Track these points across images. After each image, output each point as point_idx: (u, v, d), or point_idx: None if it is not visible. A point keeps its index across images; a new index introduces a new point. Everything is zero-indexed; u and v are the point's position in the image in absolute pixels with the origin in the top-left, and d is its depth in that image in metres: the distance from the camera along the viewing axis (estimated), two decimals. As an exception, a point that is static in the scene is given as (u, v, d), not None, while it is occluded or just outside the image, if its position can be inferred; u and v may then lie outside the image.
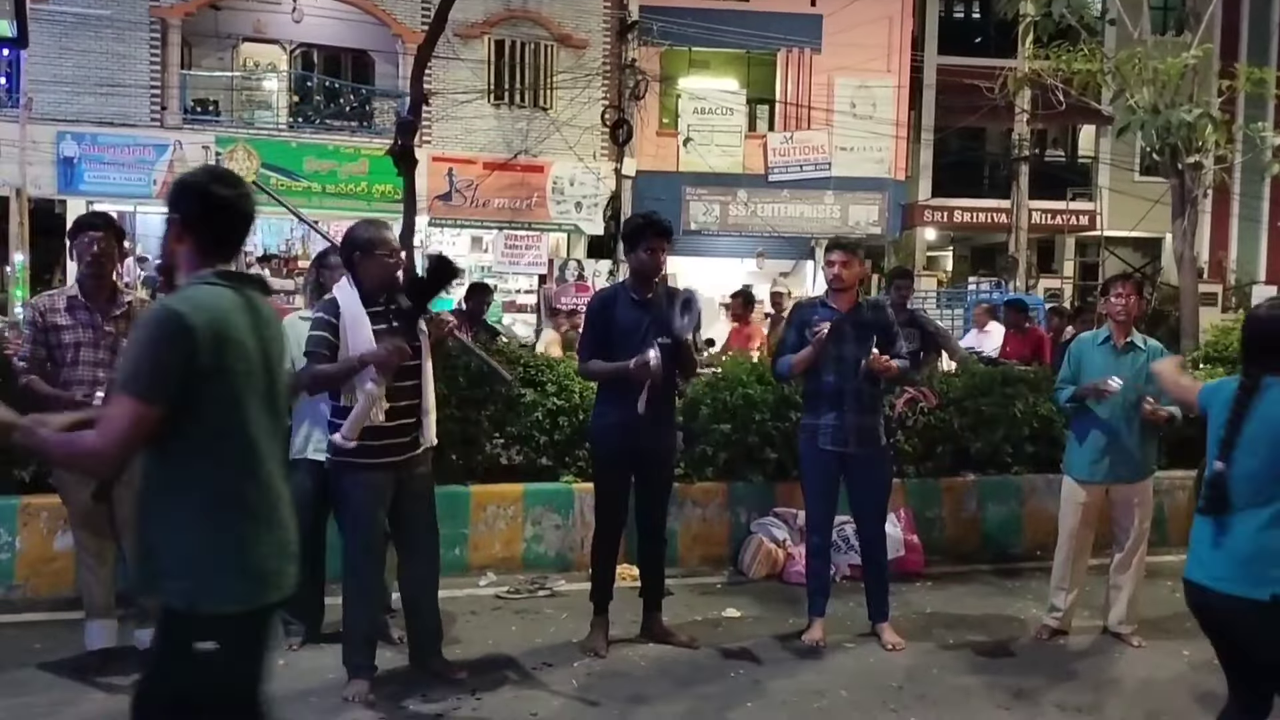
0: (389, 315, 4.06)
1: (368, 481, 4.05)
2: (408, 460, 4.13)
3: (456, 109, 18.45)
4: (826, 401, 4.91)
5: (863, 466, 4.96)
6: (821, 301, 5.07)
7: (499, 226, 19.14)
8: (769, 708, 4.19)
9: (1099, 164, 24.81)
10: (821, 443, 4.93)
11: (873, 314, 5.02)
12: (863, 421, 4.93)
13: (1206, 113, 9.28)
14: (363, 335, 3.98)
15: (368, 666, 4.19)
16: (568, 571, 5.88)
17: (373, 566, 4.21)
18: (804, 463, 5.09)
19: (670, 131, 21.06)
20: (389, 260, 4.09)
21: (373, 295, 4.08)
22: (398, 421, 4.05)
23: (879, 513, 5.12)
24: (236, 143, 17.76)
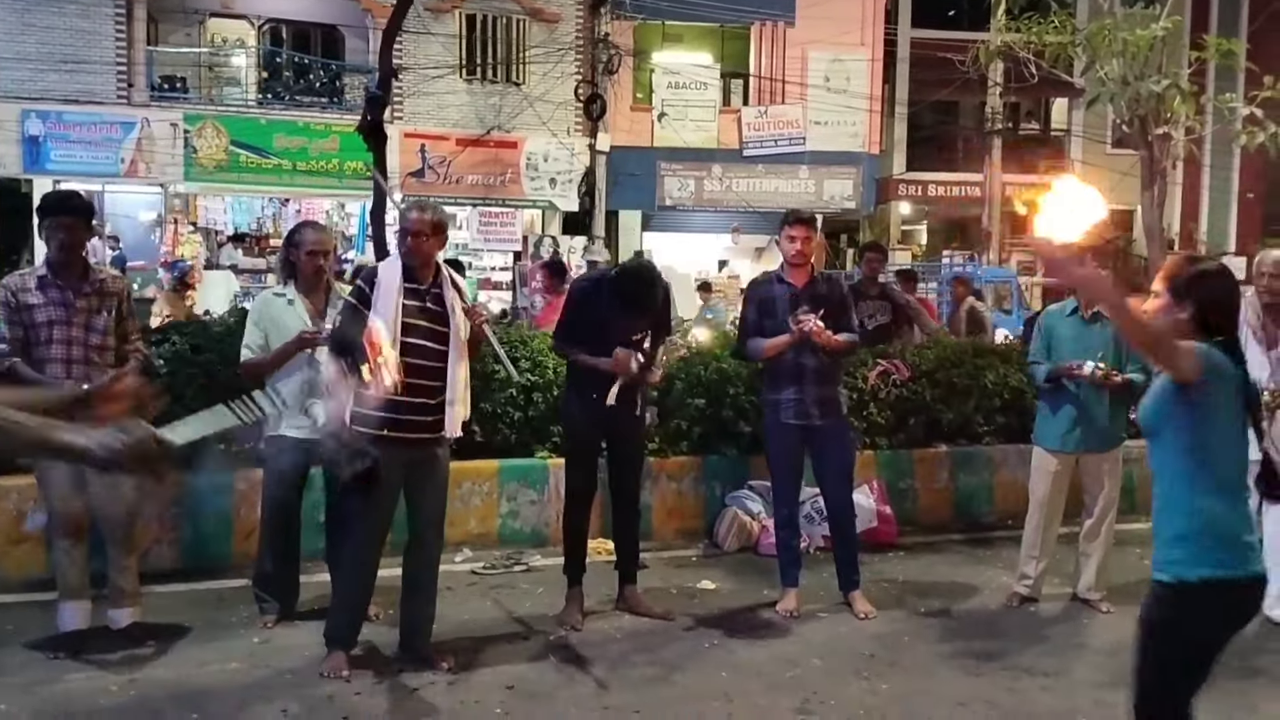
0: (425, 296, 4.13)
1: (382, 456, 4.05)
2: (426, 441, 4.16)
3: (428, 84, 18.29)
4: (787, 376, 4.94)
5: (826, 438, 5.00)
6: (778, 277, 5.07)
7: (473, 203, 19.02)
8: (743, 678, 4.23)
9: (1071, 137, 24.92)
10: (784, 416, 4.96)
11: (827, 288, 5.05)
12: (824, 393, 4.97)
13: (1175, 84, 9.36)
14: (388, 306, 4.04)
15: (347, 641, 4.20)
16: (543, 547, 5.91)
17: (371, 542, 4.20)
18: (768, 436, 5.12)
19: (644, 106, 20.96)
20: (404, 241, 4.17)
21: (416, 272, 4.15)
22: (419, 399, 4.08)
23: (845, 482, 5.16)
24: (205, 120, 17.55)
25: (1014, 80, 17.01)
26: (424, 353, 4.10)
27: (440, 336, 4.14)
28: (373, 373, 3.90)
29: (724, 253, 22.66)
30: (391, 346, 3.98)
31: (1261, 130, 9.58)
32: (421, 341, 4.10)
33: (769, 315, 4.97)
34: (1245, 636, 4.12)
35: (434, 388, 4.13)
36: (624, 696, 4.01)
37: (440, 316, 4.16)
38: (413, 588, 4.32)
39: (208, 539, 5.51)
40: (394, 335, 4.01)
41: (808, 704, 3.96)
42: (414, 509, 4.29)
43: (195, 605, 4.93)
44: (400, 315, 4.06)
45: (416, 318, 4.10)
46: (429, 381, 4.12)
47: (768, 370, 5.07)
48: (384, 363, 3.89)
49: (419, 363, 4.08)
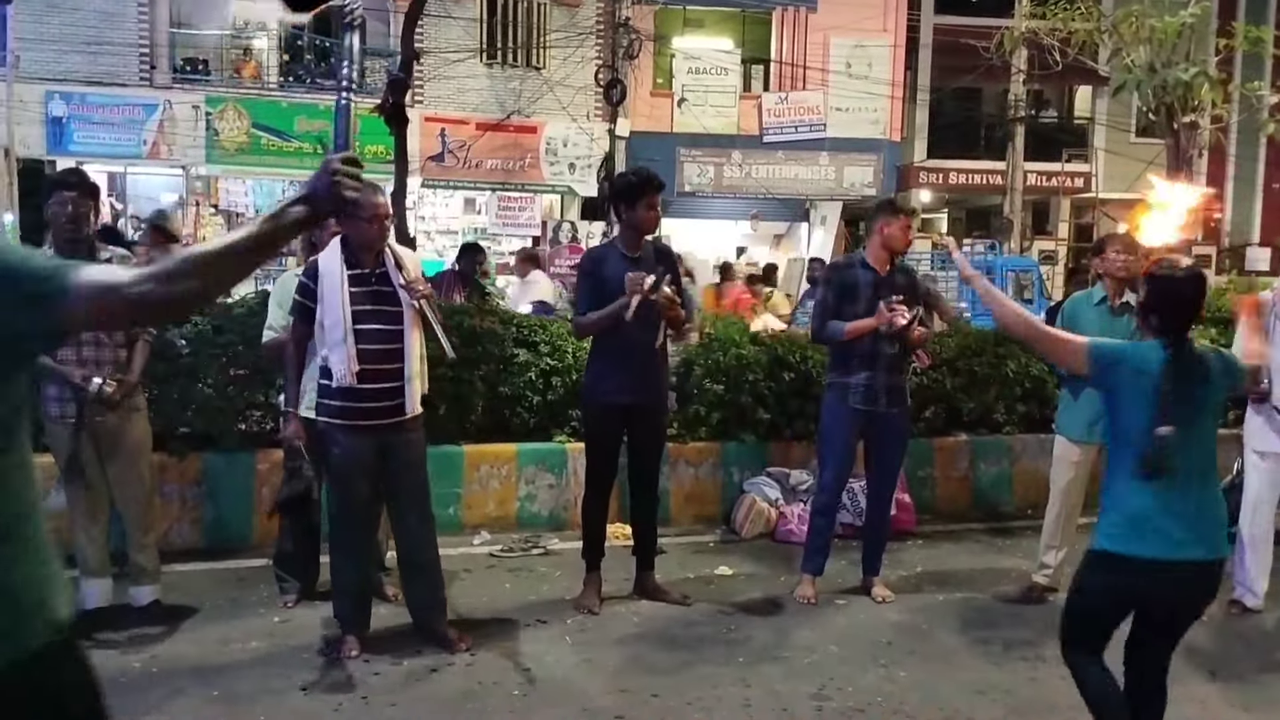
0: (372, 279, 4.06)
1: (345, 443, 4.05)
2: (392, 425, 4.11)
3: (449, 68, 18.28)
4: (860, 360, 4.91)
5: (888, 426, 5.00)
6: (861, 262, 5.05)
7: (492, 188, 19.03)
8: (761, 662, 4.23)
9: (1095, 125, 24.69)
10: (853, 401, 4.93)
11: (905, 278, 5.07)
12: (893, 381, 4.97)
13: (1203, 71, 9.25)
14: (335, 299, 3.99)
15: (357, 622, 4.22)
16: (561, 530, 5.92)
17: (353, 526, 4.19)
18: (829, 419, 5.06)
19: (664, 92, 20.89)
20: (367, 225, 4.03)
21: (359, 256, 4.07)
22: (376, 385, 4.04)
23: (896, 471, 5.22)
24: (227, 102, 17.60)
25: (1038, 67, 16.85)
26: (379, 337, 4.03)
27: (393, 317, 4.07)
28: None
29: (743, 239, 22.59)
30: (344, 339, 3.96)
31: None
32: (375, 326, 4.03)
33: (850, 300, 4.94)
34: (1267, 631, 4.11)
35: (394, 370, 4.08)
36: (641, 680, 4.02)
37: (390, 297, 4.08)
38: (411, 570, 4.32)
39: (228, 518, 5.55)
40: (345, 327, 3.97)
41: (824, 690, 3.96)
42: (392, 493, 4.25)
43: (216, 584, 4.97)
44: (349, 305, 3.99)
45: (366, 304, 4.02)
46: (389, 365, 4.06)
47: (838, 353, 5.02)
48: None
49: (376, 348, 4.02)
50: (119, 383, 4.24)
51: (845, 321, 4.90)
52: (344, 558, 4.22)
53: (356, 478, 4.12)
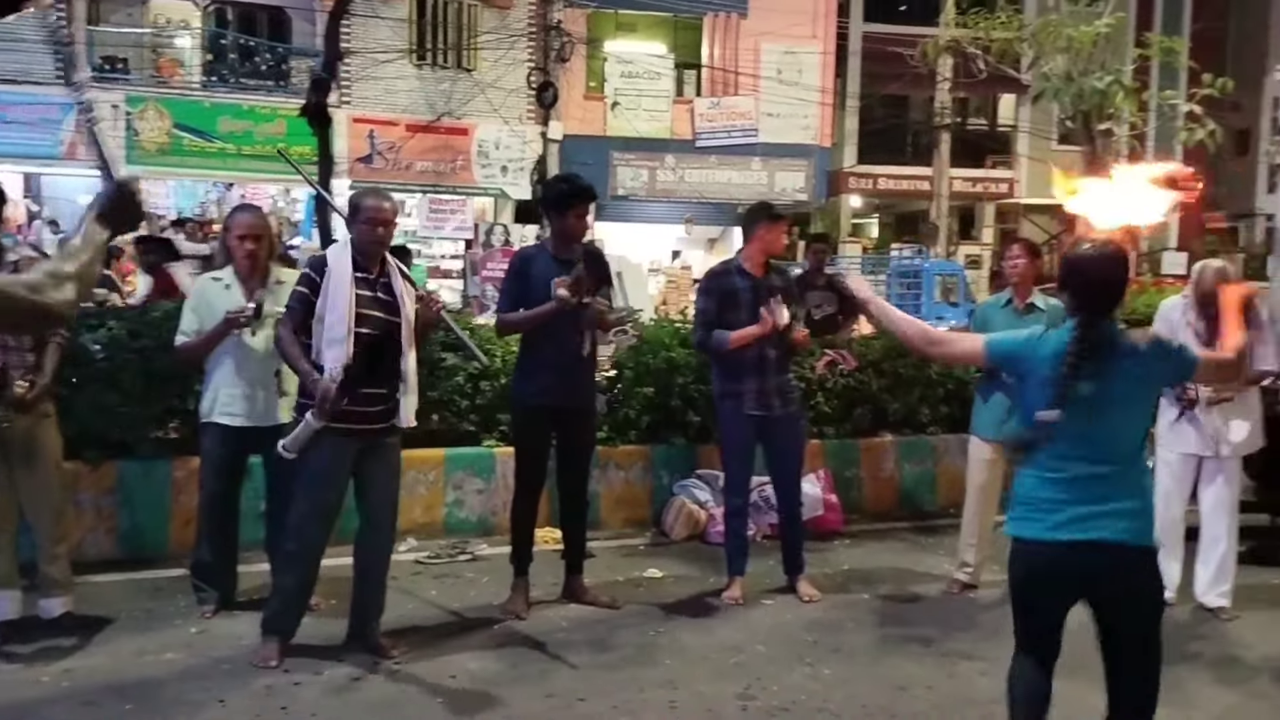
0: (375, 285, 4.06)
1: (331, 444, 3.99)
2: (376, 431, 4.10)
3: (377, 69, 18.05)
4: (749, 367, 4.95)
5: (782, 426, 5.05)
6: (738, 268, 5.08)
7: (423, 190, 18.84)
8: (687, 664, 4.24)
9: (1018, 133, 25.28)
10: (747, 407, 4.98)
11: (780, 279, 5.14)
12: (782, 383, 5.03)
13: (1118, 80, 9.53)
14: (341, 296, 3.97)
15: (285, 631, 4.14)
16: (490, 536, 5.87)
17: (317, 531, 4.12)
18: (725, 427, 5.12)
19: (597, 95, 20.89)
20: (367, 228, 4.06)
21: (364, 261, 4.07)
22: (370, 389, 4.02)
23: (798, 469, 5.26)
24: (147, 102, 17.18)
25: (963, 76, 17.20)
26: (380, 345, 4.04)
27: (392, 326, 4.09)
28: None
29: (677, 243, 22.67)
30: (344, 338, 3.94)
31: (1201, 127, 9.78)
32: (374, 331, 4.04)
33: (732, 308, 4.97)
34: (1178, 623, 4.22)
35: (382, 379, 4.08)
36: (568, 684, 4.00)
37: (391, 306, 4.10)
38: (364, 575, 4.26)
39: (144, 528, 5.40)
40: (348, 325, 3.96)
41: (750, 690, 3.98)
42: (366, 499, 4.23)
43: (131, 595, 4.84)
44: (354, 306, 4.00)
45: (369, 308, 4.04)
46: (383, 372, 4.07)
47: (725, 361, 5.04)
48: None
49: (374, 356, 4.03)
50: (30, 384, 4.12)
51: (727, 329, 4.94)
52: (297, 562, 4.13)
53: (333, 481, 4.08)
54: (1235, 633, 4.79)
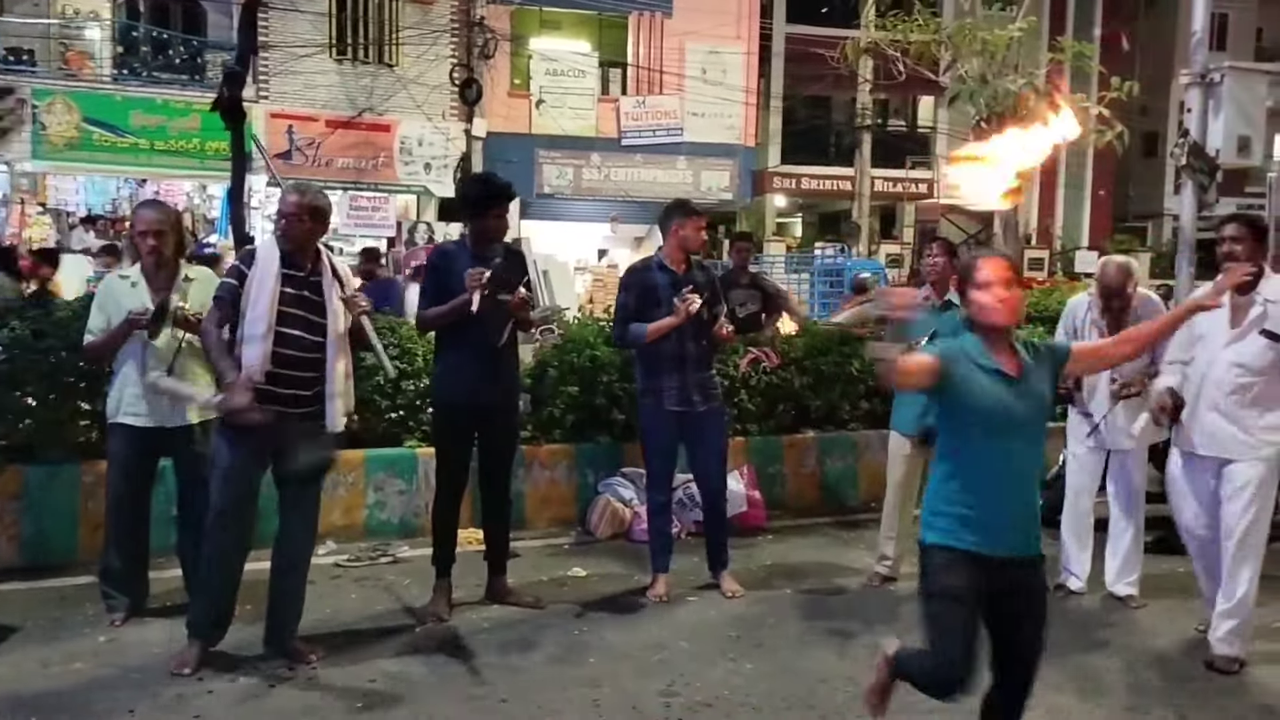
0: (304, 284, 3.97)
1: (244, 443, 3.89)
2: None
3: (296, 63, 17.71)
4: (668, 363, 4.97)
5: (704, 422, 5.07)
6: (658, 264, 5.10)
7: (344, 187, 18.50)
8: (611, 662, 4.23)
9: (937, 134, 25.77)
10: (667, 404, 4.99)
11: (703, 275, 5.16)
12: (703, 379, 5.05)
13: (1031, 83, 9.76)
14: (264, 292, 3.88)
15: (207, 633, 4.04)
16: (412, 538, 5.80)
17: (232, 531, 4.01)
18: (646, 424, 5.13)
19: (522, 92, 20.78)
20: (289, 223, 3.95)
21: (294, 258, 3.98)
22: (291, 391, 3.92)
23: (721, 465, 5.25)
24: (55, 95, 16.61)
25: (883, 77, 17.46)
26: (299, 344, 3.96)
27: (317, 328, 3.99)
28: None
29: (603, 242, 22.67)
30: (264, 335, 3.84)
31: (1110, 129, 10.07)
32: (297, 332, 3.95)
33: (651, 303, 4.98)
34: (1089, 612, 4.35)
35: (308, 379, 3.99)
36: (490, 686, 3.97)
37: (318, 306, 4.01)
38: (281, 579, 4.16)
39: (50, 534, 5.22)
40: (268, 323, 3.86)
41: (673, 686, 3.99)
42: (287, 503, 4.14)
43: (37, 603, 4.67)
44: (276, 303, 3.90)
45: (293, 306, 3.94)
46: (303, 373, 3.97)
47: (645, 358, 5.05)
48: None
49: (293, 354, 3.94)
50: None
51: (646, 324, 4.96)
52: (219, 562, 4.03)
53: (244, 479, 3.98)
54: (1143, 620, 4.94)
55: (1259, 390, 4.24)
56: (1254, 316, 4.24)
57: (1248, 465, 4.25)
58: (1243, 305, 4.26)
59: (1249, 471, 4.25)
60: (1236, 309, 4.26)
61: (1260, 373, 4.23)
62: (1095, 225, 28.12)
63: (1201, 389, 4.36)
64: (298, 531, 4.17)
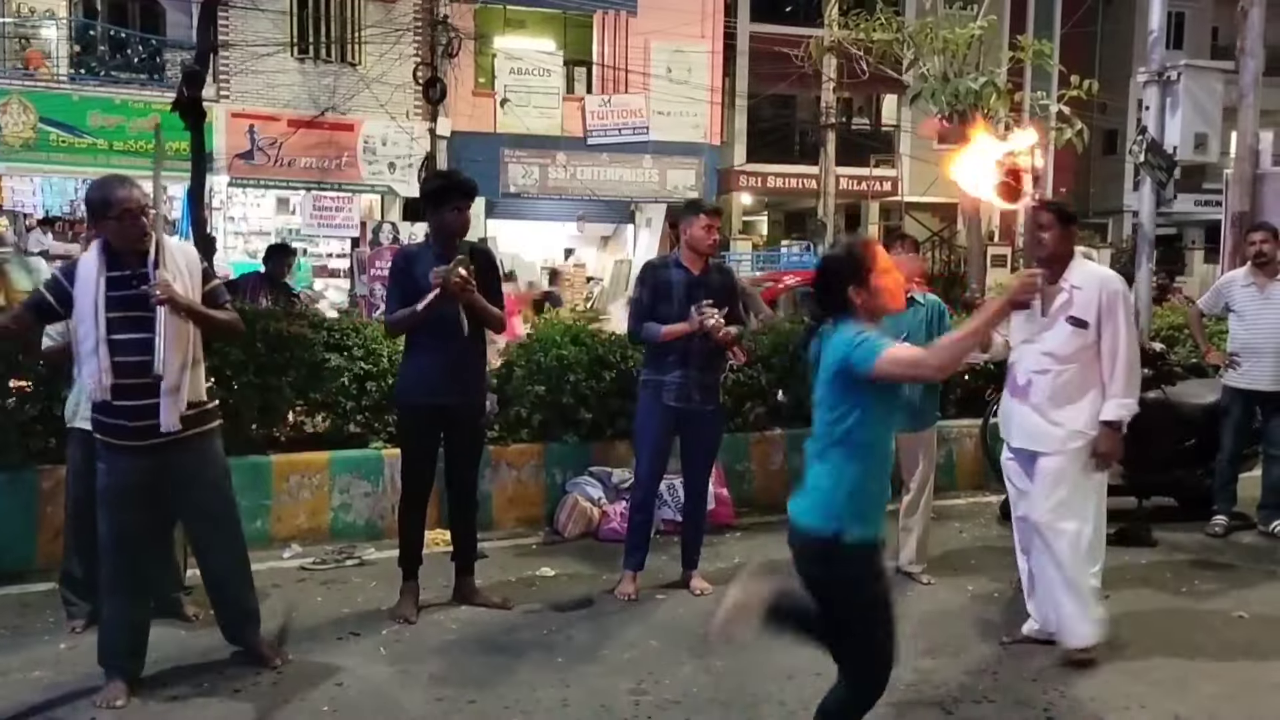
0: (133, 282, 3.66)
1: (112, 464, 3.72)
2: (171, 442, 3.71)
3: (257, 62, 17.54)
4: (674, 359, 4.96)
5: (701, 422, 5.08)
6: (675, 261, 5.10)
7: (307, 187, 18.39)
8: (580, 661, 4.23)
9: (900, 132, 25.97)
10: (666, 399, 4.99)
11: (720, 277, 5.13)
12: (705, 379, 5.04)
13: (991, 81, 9.86)
14: (87, 304, 3.61)
15: (123, 667, 3.81)
16: (378, 540, 5.75)
17: (126, 557, 3.80)
18: (643, 416, 5.11)
19: (486, 91, 20.71)
20: (117, 223, 3.65)
21: (122, 257, 3.68)
22: (128, 402, 3.65)
23: (710, 466, 5.30)
24: (10, 95, 16.36)
25: (846, 76, 17.58)
26: (138, 346, 3.62)
27: (148, 323, 3.63)
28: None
29: (570, 241, 22.65)
30: (96, 349, 3.60)
31: (1070, 127, 10.20)
32: (131, 335, 3.62)
33: (664, 300, 4.98)
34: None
35: (144, 385, 3.65)
36: (458, 688, 3.95)
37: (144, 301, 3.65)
38: (219, 589, 4.06)
39: (8, 541, 5.13)
40: (98, 336, 3.60)
41: (643, 684, 3.99)
42: (183, 514, 3.97)
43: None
44: (104, 311, 3.61)
45: (121, 309, 3.63)
46: (136, 379, 3.63)
47: (653, 351, 5.06)
48: None
49: (134, 359, 3.61)
50: None
51: (660, 321, 4.96)
52: (115, 594, 3.80)
53: (128, 504, 3.74)
54: (1106, 611, 4.99)
55: (1068, 380, 4.20)
56: (1060, 303, 4.20)
57: (1056, 459, 4.22)
58: (1050, 293, 4.19)
59: (1055, 465, 4.22)
60: (1045, 296, 4.17)
61: (1068, 360, 4.20)
62: (1056, 222, 28.38)
63: (1012, 378, 4.37)
64: (216, 543, 3.99)
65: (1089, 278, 4.24)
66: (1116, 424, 4.17)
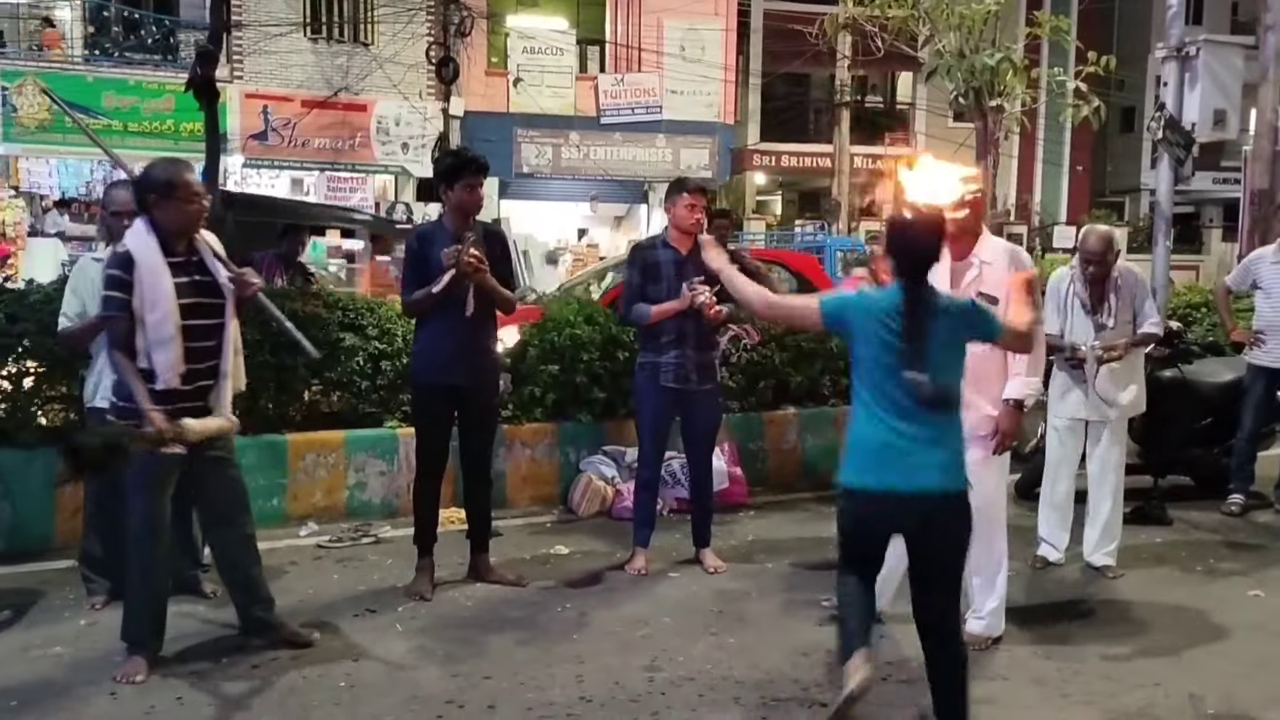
0: (190, 268, 3.74)
1: (146, 449, 3.69)
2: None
3: (270, 42, 17.53)
4: (669, 340, 4.97)
5: (699, 401, 5.09)
6: (663, 242, 5.09)
7: (320, 167, 18.42)
8: (594, 639, 4.25)
9: (915, 110, 25.79)
10: (663, 380, 5.00)
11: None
12: (702, 359, 5.06)
13: (1008, 57, 9.76)
14: (160, 291, 3.64)
15: (145, 644, 3.85)
16: (394, 518, 5.79)
17: (158, 539, 3.84)
18: (642, 398, 5.14)
19: (499, 71, 20.66)
20: (188, 206, 3.73)
21: (173, 243, 3.73)
22: (195, 385, 3.74)
23: (710, 445, 5.31)
24: (25, 76, 16.39)
25: (861, 54, 17.40)
26: (203, 332, 3.73)
27: (215, 309, 3.77)
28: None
29: (583, 221, 22.63)
30: (173, 337, 3.63)
31: (1087, 104, 10.10)
32: (200, 321, 3.72)
33: (654, 280, 4.99)
34: (1067, 582, 4.38)
35: (209, 369, 3.78)
36: (474, 664, 3.97)
37: (211, 287, 3.77)
38: (231, 570, 4.06)
39: (28, 519, 5.18)
40: (175, 323, 3.64)
41: (657, 661, 4.01)
42: (207, 496, 3.99)
43: (15, 589, 4.64)
44: (176, 298, 3.65)
45: (189, 296, 3.69)
46: (209, 363, 3.78)
47: (648, 333, 5.07)
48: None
49: (200, 345, 3.72)
50: None
51: (650, 302, 4.96)
52: (144, 574, 3.84)
53: (164, 486, 3.80)
54: (1121, 590, 4.99)
55: (976, 363, 3.96)
56: (969, 280, 4.10)
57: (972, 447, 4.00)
58: (960, 269, 4.10)
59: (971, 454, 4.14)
60: (954, 273, 4.08)
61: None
62: (1073, 200, 28.25)
63: None
64: (230, 523, 4.00)
65: (998, 253, 4.17)
66: (1019, 403, 4.05)
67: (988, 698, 3.74)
